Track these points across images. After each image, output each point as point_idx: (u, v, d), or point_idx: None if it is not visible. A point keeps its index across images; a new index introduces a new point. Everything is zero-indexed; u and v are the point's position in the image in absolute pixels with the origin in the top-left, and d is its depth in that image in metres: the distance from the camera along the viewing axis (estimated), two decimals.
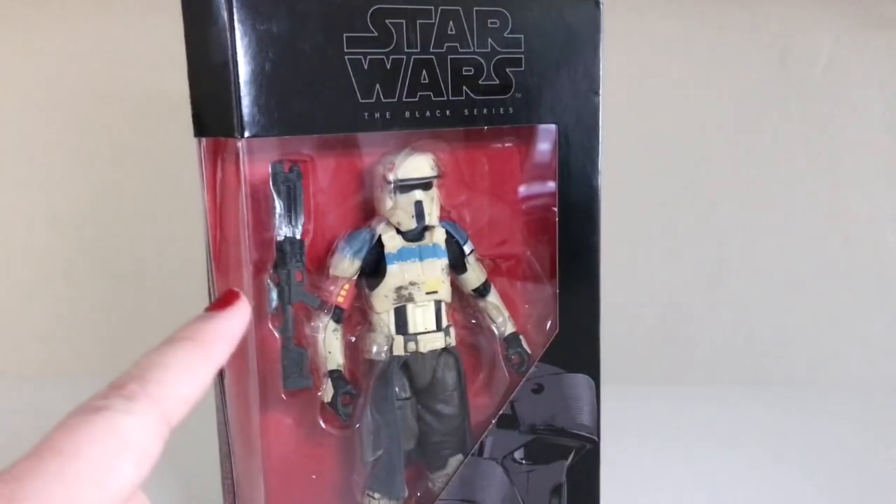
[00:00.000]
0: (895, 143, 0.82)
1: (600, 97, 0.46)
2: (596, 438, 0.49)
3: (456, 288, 0.47)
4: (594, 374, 0.49)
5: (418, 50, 0.40)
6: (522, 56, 0.43)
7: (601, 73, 0.46)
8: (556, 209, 0.46)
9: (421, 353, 0.45)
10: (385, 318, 0.44)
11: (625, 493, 0.57)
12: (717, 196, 0.84)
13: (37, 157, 0.84)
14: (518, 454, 0.47)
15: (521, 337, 0.48)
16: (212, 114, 0.38)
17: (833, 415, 0.74)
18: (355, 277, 0.44)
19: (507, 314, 0.48)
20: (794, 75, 0.81)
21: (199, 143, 0.40)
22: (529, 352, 0.48)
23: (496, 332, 0.48)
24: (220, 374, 0.43)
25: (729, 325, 0.85)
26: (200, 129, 0.40)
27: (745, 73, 0.81)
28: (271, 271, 0.41)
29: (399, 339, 0.44)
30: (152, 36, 0.70)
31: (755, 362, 0.85)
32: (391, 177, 0.43)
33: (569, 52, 0.45)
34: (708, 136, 0.83)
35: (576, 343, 0.48)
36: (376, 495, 0.45)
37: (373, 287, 0.44)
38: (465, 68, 0.42)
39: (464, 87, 0.42)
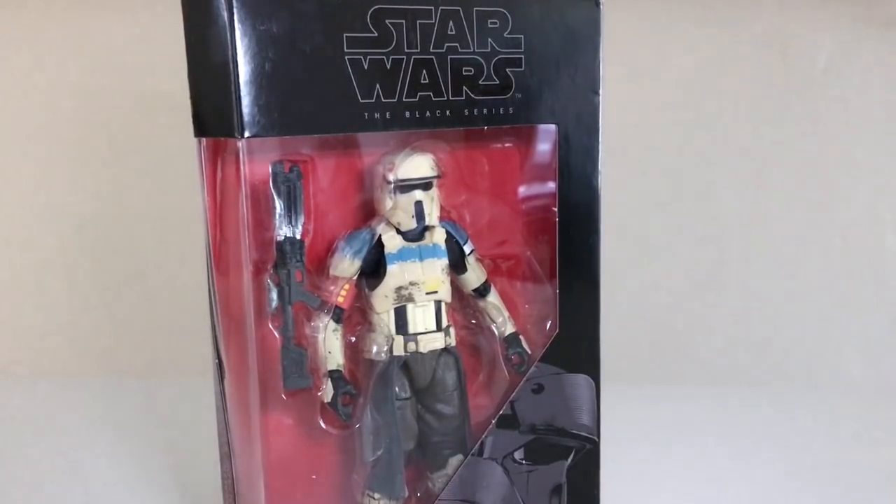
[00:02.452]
0: (895, 143, 0.82)
1: (600, 97, 0.46)
2: (596, 438, 0.49)
3: (456, 288, 0.47)
4: (594, 374, 0.49)
5: (418, 50, 0.41)
6: (522, 56, 0.43)
7: (601, 73, 0.46)
8: (556, 209, 0.46)
9: (421, 353, 0.45)
10: (385, 318, 0.44)
11: (625, 493, 0.57)
12: (717, 196, 0.84)
13: (36, 157, 0.84)
14: (518, 454, 0.47)
15: (521, 337, 0.48)
16: (212, 114, 0.38)
17: (833, 415, 0.74)
18: (355, 277, 0.44)
19: (507, 314, 0.48)
20: (794, 75, 0.81)
21: (199, 143, 0.40)
22: (529, 352, 0.48)
23: (496, 332, 0.48)
24: (221, 374, 0.43)
25: (729, 326, 0.85)
26: (200, 129, 0.40)
27: (745, 72, 0.81)
28: (271, 271, 0.41)
29: (399, 339, 0.44)
30: (152, 36, 0.71)
31: (755, 362, 0.85)
32: (391, 177, 0.43)
33: (569, 52, 0.45)
34: (708, 135, 0.83)
35: (576, 343, 0.48)
36: (376, 495, 0.45)
37: (373, 287, 0.44)
38: (465, 68, 0.42)
39: (464, 88, 0.42)
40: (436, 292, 0.45)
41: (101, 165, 0.84)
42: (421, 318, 0.44)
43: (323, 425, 0.45)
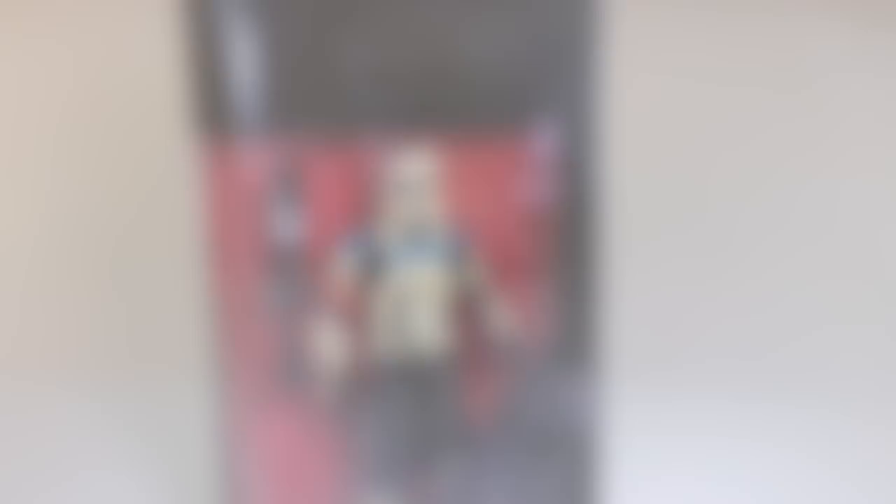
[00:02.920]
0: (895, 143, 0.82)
1: (602, 97, 0.46)
2: (596, 438, 0.49)
3: (456, 288, 0.47)
4: (594, 374, 0.49)
5: (418, 50, 0.40)
6: (522, 56, 0.43)
7: (602, 72, 0.46)
8: (556, 209, 0.46)
9: (421, 353, 0.45)
10: (385, 318, 0.44)
11: (625, 493, 0.57)
12: (717, 196, 0.84)
13: (34, 156, 0.84)
14: (518, 454, 0.47)
15: (521, 337, 0.48)
16: (211, 114, 0.38)
17: (833, 415, 0.74)
18: (355, 278, 0.44)
19: (507, 315, 0.48)
20: (794, 77, 0.81)
21: (198, 142, 0.40)
22: (529, 352, 0.48)
23: (496, 332, 0.48)
24: (220, 374, 0.43)
25: (730, 326, 0.85)
26: (199, 128, 0.40)
27: (745, 72, 0.82)
28: (271, 272, 0.41)
29: (399, 340, 0.44)
30: (151, 35, 0.70)
31: (755, 362, 0.85)
32: (391, 177, 0.43)
33: (569, 52, 0.45)
34: (708, 135, 0.83)
35: (576, 343, 0.48)
36: (376, 496, 0.45)
37: (372, 288, 0.44)
38: (465, 68, 0.42)
39: (464, 88, 0.42)
40: (436, 293, 0.45)
41: (98, 165, 0.84)
42: (421, 318, 0.45)
43: (323, 425, 0.45)
